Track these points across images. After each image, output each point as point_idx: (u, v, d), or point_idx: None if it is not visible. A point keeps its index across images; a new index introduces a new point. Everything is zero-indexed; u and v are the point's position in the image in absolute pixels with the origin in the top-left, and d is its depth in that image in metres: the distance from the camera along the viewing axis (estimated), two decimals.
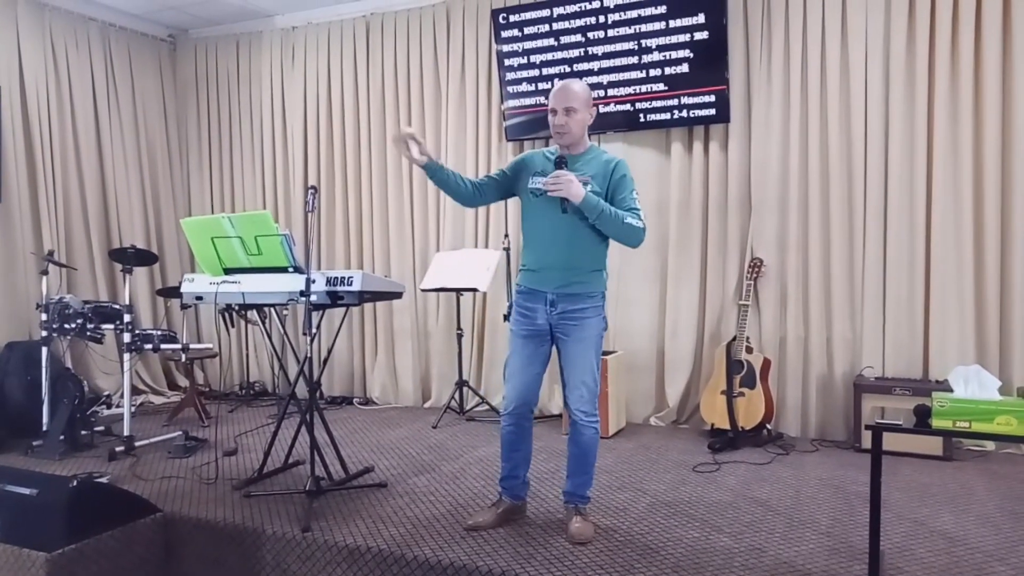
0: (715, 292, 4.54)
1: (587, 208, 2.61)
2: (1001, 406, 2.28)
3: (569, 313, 2.73)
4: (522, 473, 2.96)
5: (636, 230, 2.67)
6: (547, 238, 2.76)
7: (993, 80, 3.86)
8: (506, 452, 2.91)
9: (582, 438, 2.80)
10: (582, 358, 2.74)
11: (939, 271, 4.02)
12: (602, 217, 2.62)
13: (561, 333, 2.77)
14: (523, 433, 2.89)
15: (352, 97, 5.57)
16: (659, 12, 4.43)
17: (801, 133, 4.29)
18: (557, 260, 2.74)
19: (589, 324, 2.74)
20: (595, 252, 2.77)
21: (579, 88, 2.77)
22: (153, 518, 3.03)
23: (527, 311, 2.81)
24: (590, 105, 2.78)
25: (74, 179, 5.43)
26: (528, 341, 2.81)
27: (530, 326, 2.80)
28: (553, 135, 2.77)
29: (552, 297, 2.74)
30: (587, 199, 2.60)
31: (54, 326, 4.13)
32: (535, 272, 2.80)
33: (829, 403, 4.28)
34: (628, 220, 2.65)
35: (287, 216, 5.83)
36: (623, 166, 2.76)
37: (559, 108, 2.70)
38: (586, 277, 2.74)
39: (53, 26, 5.28)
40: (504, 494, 2.97)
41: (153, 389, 5.73)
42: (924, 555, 2.62)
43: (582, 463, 2.84)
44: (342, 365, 5.67)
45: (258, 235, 3.18)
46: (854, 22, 4.14)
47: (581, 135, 2.77)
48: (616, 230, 2.66)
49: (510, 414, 2.85)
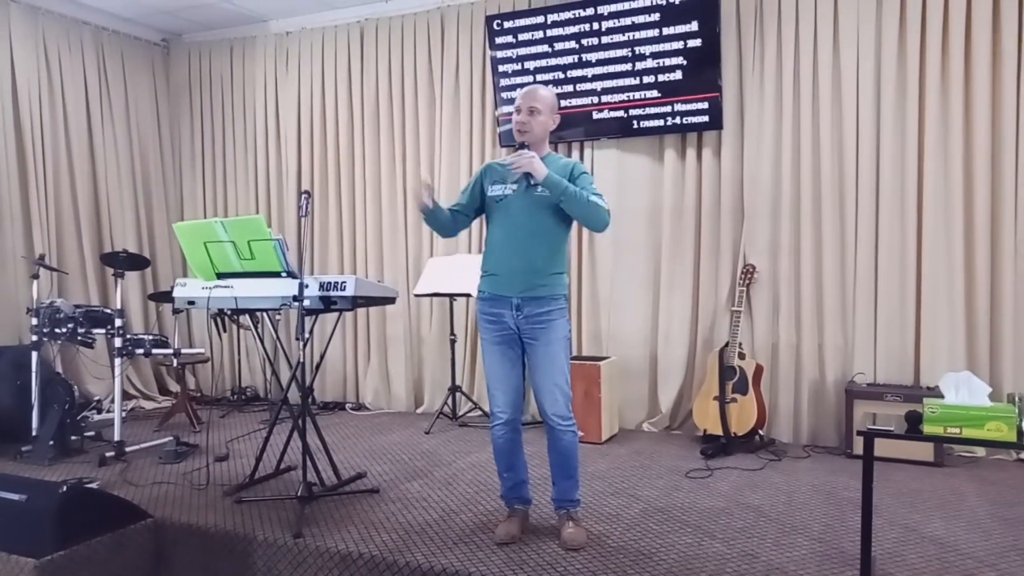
0: (708, 298, 4.56)
1: (550, 185, 2.66)
2: (991, 412, 2.29)
3: (535, 317, 2.74)
4: (526, 476, 2.96)
5: (601, 209, 2.70)
6: (509, 242, 2.78)
7: (983, 88, 3.90)
8: (507, 461, 2.88)
9: (560, 444, 2.79)
10: (552, 361, 2.75)
11: (930, 278, 4.04)
12: (567, 194, 2.66)
13: (529, 338, 2.77)
14: (517, 438, 2.89)
15: (346, 102, 5.57)
16: (652, 20, 4.45)
17: (793, 140, 4.32)
18: (519, 264, 2.75)
19: (556, 326, 2.75)
20: (556, 255, 2.80)
21: (545, 93, 2.85)
22: (144, 524, 3.01)
23: (494, 317, 2.81)
24: (554, 112, 2.85)
25: (66, 183, 5.41)
26: (503, 347, 2.82)
27: (501, 331, 2.80)
28: (515, 133, 2.82)
29: (517, 301, 2.75)
30: (550, 176, 2.66)
31: (44, 330, 4.11)
32: (497, 276, 2.81)
33: (821, 409, 4.29)
34: (592, 199, 2.69)
35: (280, 221, 5.82)
36: (581, 166, 2.84)
37: (523, 107, 2.79)
38: (548, 280, 2.76)
39: (46, 30, 5.27)
40: (515, 503, 2.94)
41: (144, 394, 5.70)
42: (915, 561, 2.63)
43: (565, 468, 2.84)
44: (335, 370, 5.66)
45: (251, 240, 3.17)
46: (846, 30, 4.18)
47: (542, 137, 2.83)
48: (581, 208, 2.68)
49: (504, 423, 2.83)
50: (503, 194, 2.79)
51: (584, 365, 4.37)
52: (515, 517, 2.90)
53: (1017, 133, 3.85)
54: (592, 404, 4.33)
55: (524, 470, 2.94)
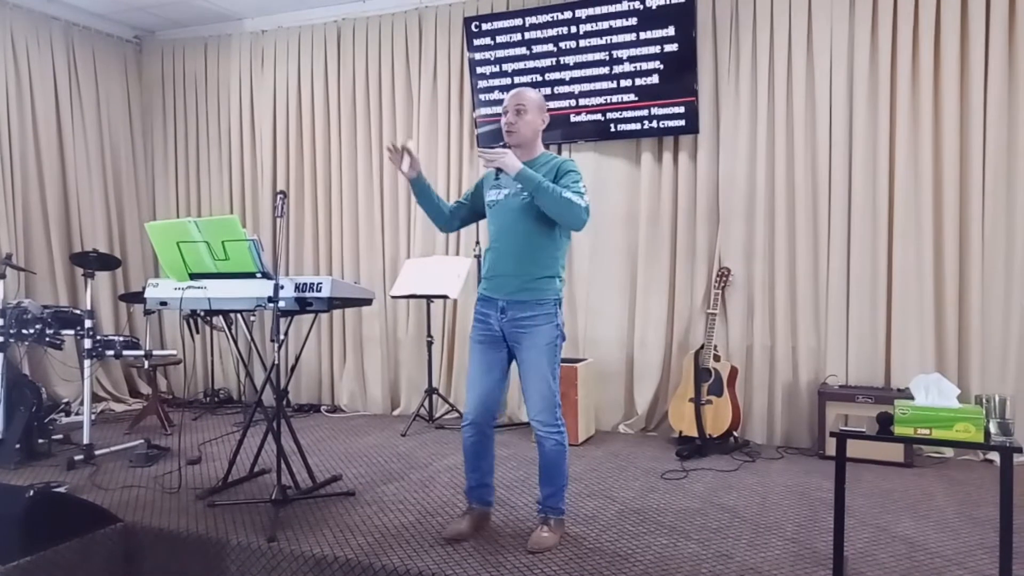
0: (683, 301, 4.59)
1: (523, 180, 2.63)
2: (960, 413, 2.33)
3: (519, 320, 2.74)
4: (490, 480, 2.95)
5: (575, 205, 2.64)
6: (500, 245, 2.79)
7: (951, 93, 3.98)
8: (472, 462, 2.89)
9: (544, 449, 2.79)
10: (535, 366, 2.74)
11: (900, 282, 4.11)
12: (539, 189, 2.62)
13: (514, 341, 2.77)
14: (486, 442, 2.88)
15: (322, 102, 5.53)
16: (630, 24, 4.48)
17: (768, 144, 4.37)
18: (508, 267, 2.76)
19: (540, 332, 2.73)
20: (547, 259, 2.77)
21: (532, 93, 2.85)
22: (113, 528, 2.96)
23: (483, 317, 2.83)
24: (542, 111, 2.84)
25: (34, 181, 5.30)
26: (486, 347, 2.82)
27: (486, 331, 2.81)
28: (504, 135, 2.81)
29: (503, 304, 2.76)
30: (523, 171, 2.63)
31: (11, 331, 4.02)
32: (489, 279, 2.83)
33: (794, 411, 4.35)
34: (567, 194, 2.64)
35: (255, 221, 5.75)
36: (570, 164, 2.79)
37: (510, 107, 2.79)
38: (536, 284, 2.74)
39: (14, 24, 5.16)
40: (473, 502, 2.95)
41: (114, 396, 5.61)
42: (886, 560, 2.67)
43: (548, 474, 2.82)
44: (310, 372, 5.61)
45: (225, 240, 3.13)
46: (819, 36, 4.24)
47: (531, 138, 2.82)
48: (554, 203, 2.63)
49: (471, 424, 2.84)
50: (496, 199, 2.80)
51: (561, 367, 4.37)
52: (469, 515, 2.91)
53: (984, 138, 3.93)
54: (569, 406, 4.32)
55: (489, 473, 2.94)
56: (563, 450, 2.80)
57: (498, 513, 3.14)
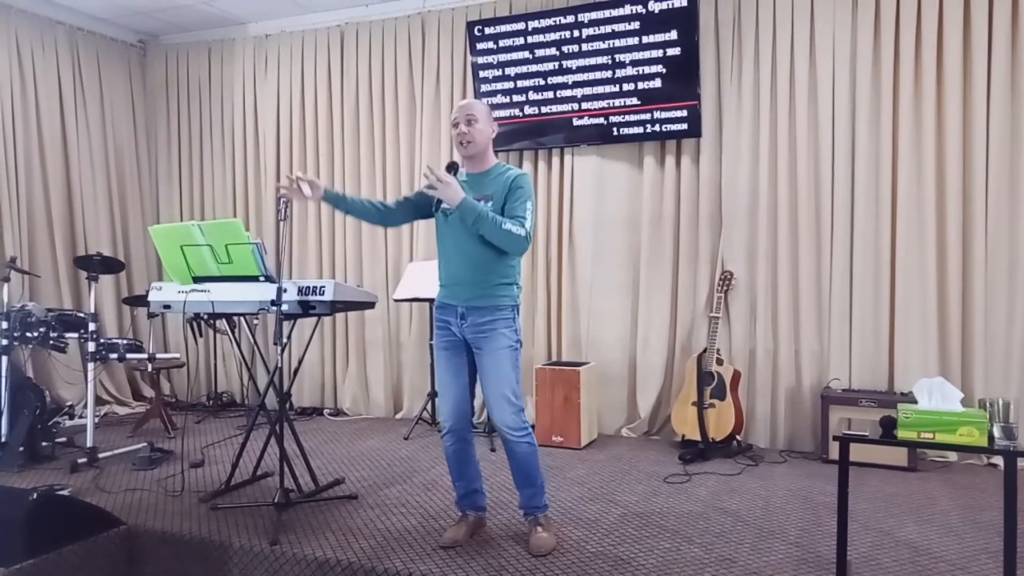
0: (686, 304, 4.59)
1: (464, 211, 2.62)
2: (963, 417, 2.33)
3: (479, 326, 2.74)
4: (479, 485, 2.96)
5: (514, 236, 2.64)
6: (454, 254, 2.79)
7: (954, 97, 3.98)
8: (457, 471, 2.90)
9: (515, 454, 2.78)
10: (497, 371, 2.72)
11: (904, 285, 4.11)
12: (479, 221, 2.62)
13: (475, 347, 2.78)
14: (468, 448, 2.88)
15: (326, 106, 5.55)
16: (632, 28, 4.49)
17: (771, 148, 4.37)
18: (464, 275, 2.76)
19: (498, 336, 2.72)
20: (502, 267, 2.76)
21: (478, 102, 2.89)
22: (116, 531, 2.97)
23: (443, 323, 2.84)
24: (491, 120, 2.85)
25: (39, 184, 5.32)
26: (450, 353, 2.83)
27: (448, 337, 2.82)
28: (457, 146, 2.82)
29: (462, 310, 2.77)
30: (464, 203, 2.61)
31: (15, 334, 4.03)
32: (446, 287, 2.84)
33: (797, 415, 4.34)
34: (507, 226, 2.63)
35: (258, 225, 5.77)
36: (521, 179, 2.77)
37: (460, 119, 2.78)
38: (493, 291, 2.75)
39: (19, 29, 5.19)
40: (466, 509, 2.94)
41: (117, 399, 5.61)
42: (890, 564, 2.66)
43: (525, 477, 2.82)
44: (312, 375, 5.62)
45: (229, 243, 3.14)
46: (822, 39, 4.24)
47: (485, 146, 2.82)
48: (494, 234, 2.64)
49: (449, 432, 2.84)
50: (448, 207, 2.74)
51: (563, 371, 4.38)
52: (464, 522, 2.91)
53: (987, 142, 3.93)
54: (571, 409, 4.34)
55: (477, 479, 2.94)
56: (534, 450, 2.80)
57: (498, 516, 3.14)
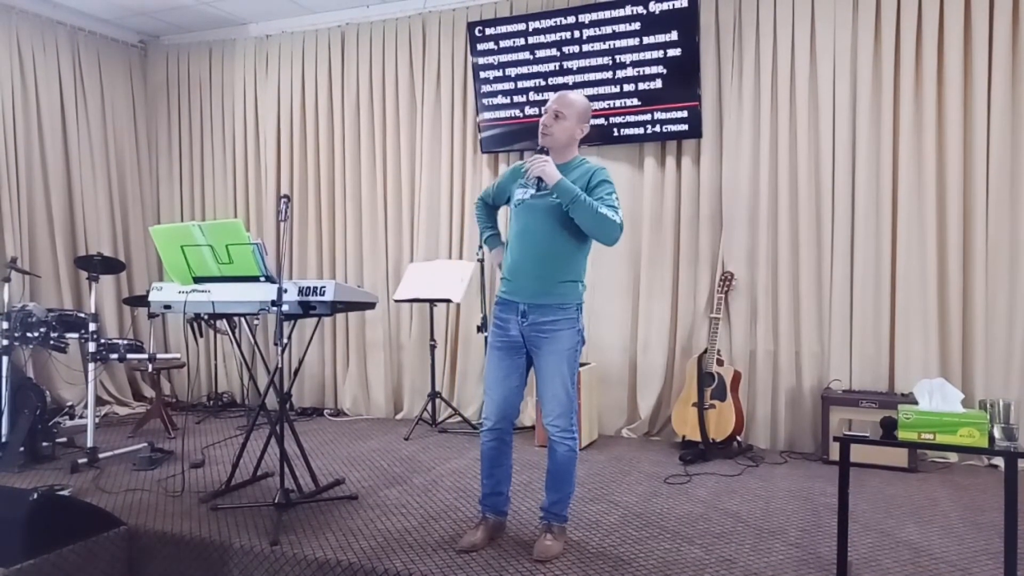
0: (687, 305, 4.59)
1: (561, 191, 2.60)
2: (964, 418, 2.33)
3: (540, 325, 2.70)
4: (505, 489, 2.91)
5: (609, 221, 2.61)
6: (521, 248, 2.75)
7: (955, 99, 3.98)
8: (488, 468, 2.85)
9: (556, 454, 2.76)
10: (554, 372, 2.70)
11: (904, 286, 4.11)
12: (576, 203, 2.59)
13: (533, 346, 2.73)
14: (504, 448, 2.85)
15: (327, 107, 5.55)
16: (633, 29, 4.49)
17: (771, 149, 4.37)
18: (531, 270, 2.72)
19: (561, 337, 2.69)
20: (570, 263, 2.75)
21: (576, 98, 2.80)
22: (116, 532, 2.96)
23: (501, 322, 2.78)
24: (583, 120, 2.79)
25: (39, 184, 5.32)
26: (504, 354, 2.78)
27: (504, 338, 2.77)
28: (539, 135, 2.78)
29: (524, 308, 2.72)
30: (562, 182, 2.60)
31: (16, 334, 4.03)
32: (510, 282, 2.78)
33: (798, 415, 4.34)
34: (602, 210, 2.61)
35: (259, 225, 5.77)
36: (602, 172, 2.75)
37: (550, 109, 2.75)
38: (559, 288, 2.71)
39: (20, 30, 5.19)
40: (487, 511, 2.90)
41: (118, 400, 5.61)
42: (890, 565, 2.66)
43: (556, 480, 2.79)
44: (313, 376, 5.62)
45: (229, 244, 3.14)
46: (822, 40, 4.24)
47: (564, 142, 2.77)
48: (590, 218, 2.61)
49: (490, 430, 2.81)
50: (521, 199, 2.75)
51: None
52: (483, 526, 2.87)
53: (987, 143, 3.94)
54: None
55: (505, 482, 2.90)
56: (574, 456, 2.78)
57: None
